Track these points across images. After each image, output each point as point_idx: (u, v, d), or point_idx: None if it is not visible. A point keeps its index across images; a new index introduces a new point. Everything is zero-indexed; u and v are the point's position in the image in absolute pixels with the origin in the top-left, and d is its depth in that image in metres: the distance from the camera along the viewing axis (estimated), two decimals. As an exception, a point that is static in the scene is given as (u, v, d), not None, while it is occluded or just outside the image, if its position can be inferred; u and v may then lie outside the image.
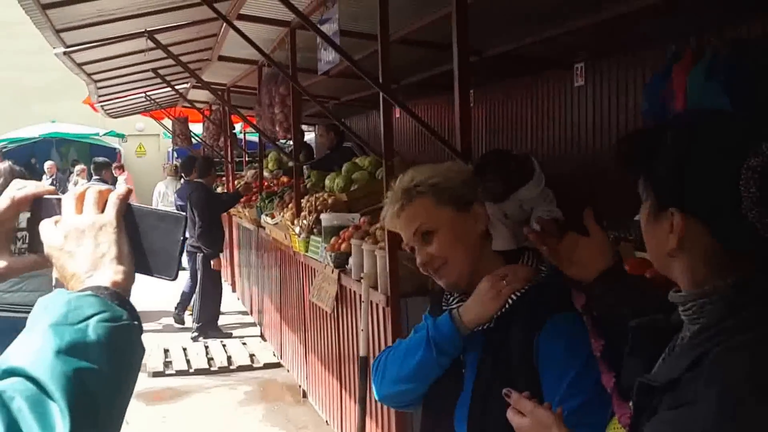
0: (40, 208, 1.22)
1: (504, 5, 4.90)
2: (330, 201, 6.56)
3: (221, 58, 8.71)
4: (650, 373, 1.43)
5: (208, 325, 9.69)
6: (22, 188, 1.24)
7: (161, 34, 6.81)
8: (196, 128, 15.76)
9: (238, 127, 14.41)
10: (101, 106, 12.65)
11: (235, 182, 11.91)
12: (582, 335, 1.76)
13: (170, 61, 7.84)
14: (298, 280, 6.91)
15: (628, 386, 1.46)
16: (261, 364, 8.43)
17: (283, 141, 9.66)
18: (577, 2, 4.93)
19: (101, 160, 11.31)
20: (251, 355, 8.73)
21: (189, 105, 12.66)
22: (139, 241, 1.17)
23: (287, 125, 7.59)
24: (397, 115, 11.04)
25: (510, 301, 1.86)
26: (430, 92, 8.94)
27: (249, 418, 6.85)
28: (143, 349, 1.10)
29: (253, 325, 10.26)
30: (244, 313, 11.03)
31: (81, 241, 1.13)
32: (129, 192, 1.19)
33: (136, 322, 1.07)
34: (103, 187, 1.20)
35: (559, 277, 1.86)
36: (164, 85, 9.94)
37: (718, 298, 1.30)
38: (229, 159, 12.40)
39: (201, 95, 12.92)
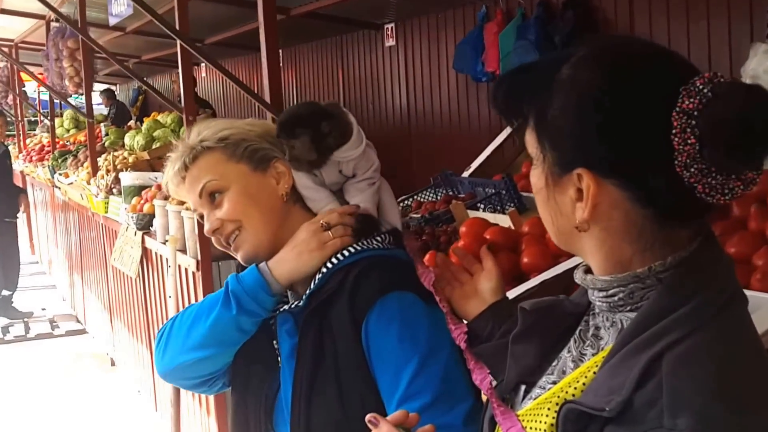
0: None
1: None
2: (131, 160, 5.79)
3: (3, 11, 7.62)
4: (546, 360, 1.10)
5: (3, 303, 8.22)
6: None
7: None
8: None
9: (32, 85, 13.24)
10: None
11: (26, 141, 10.98)
12: (421, 319, 1.37)
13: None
14: (99, 243, 6.11)
15: (520, 378, 1.12)
16: (63, 332, 7.48)
17: (76, 96, 8.69)
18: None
19: None
20: (52, 322, 7.76)
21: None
22: None
23: (78, 80, 6.75)
24: (203, 74, 10.33)
25: (330, 264, 1.43)
26: (238, 52, 8.38)
27: (59, 389, 5.94)
28: None
29: (53, 287, 9.20)
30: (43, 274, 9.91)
31: None
32: None
33: None
34: None
35: (399, 248, 1.48)
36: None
37: (654, 284, 0.96)
38: (20, 118, 11.18)
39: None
